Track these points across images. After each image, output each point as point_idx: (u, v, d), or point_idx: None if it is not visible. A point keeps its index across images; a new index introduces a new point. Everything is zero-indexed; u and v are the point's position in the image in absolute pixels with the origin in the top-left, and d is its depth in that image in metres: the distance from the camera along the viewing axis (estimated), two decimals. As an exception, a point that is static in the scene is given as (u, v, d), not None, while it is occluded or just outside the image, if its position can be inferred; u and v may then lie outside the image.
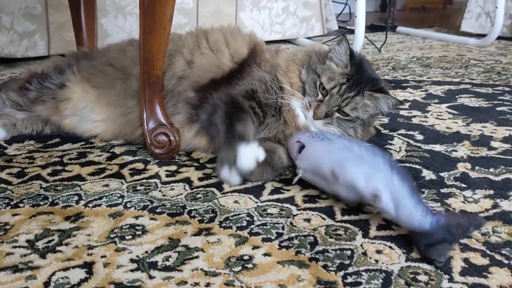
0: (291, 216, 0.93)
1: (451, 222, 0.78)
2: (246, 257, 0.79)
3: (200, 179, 1.10)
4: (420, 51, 2.77)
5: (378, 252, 0.81)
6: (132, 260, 0.78)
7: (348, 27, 3.45)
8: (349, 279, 0.73)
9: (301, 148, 1.04)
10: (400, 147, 1.27)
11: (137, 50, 1.22)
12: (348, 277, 0.74)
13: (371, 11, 4.83)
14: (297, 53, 1.22)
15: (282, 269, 0.76)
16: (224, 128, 1.10)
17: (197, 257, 0.79)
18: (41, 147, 1.29)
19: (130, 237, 0.85)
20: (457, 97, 1.76)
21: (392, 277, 0.74)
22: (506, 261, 0.78)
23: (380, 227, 0.88)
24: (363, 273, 0.75)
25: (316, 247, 0.82)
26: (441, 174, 1.10)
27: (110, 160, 1.20)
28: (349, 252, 0.80)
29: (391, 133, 1.38)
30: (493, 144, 1.28)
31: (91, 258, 0.79)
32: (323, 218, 0.92)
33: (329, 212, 0.94)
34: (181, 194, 1.02)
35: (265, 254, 0.80)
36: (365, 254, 0.80)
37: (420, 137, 1.35)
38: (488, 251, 0.81)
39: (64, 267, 0.77)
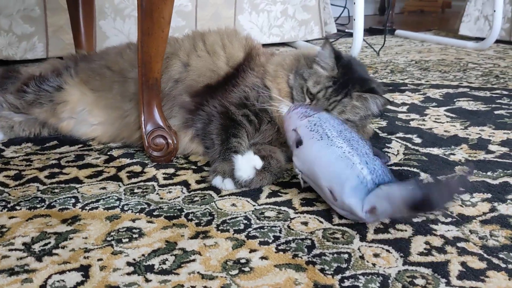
0: (289, 219, 0.93)
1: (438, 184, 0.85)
2: (243, 261, 0.79)
3: (198, 182, 1.09)
4: (419, 54, 2.77)
5: (376, 255, 0.80)
6: (128, 263, 0.78)
7: (346, 30, 3.46)
8: (346, 283, 0.73)
9: (298, 143, 0.99)
10: (398, 150, 1.27)
11: (135, 53, 1.22)
12: (345, 280, 0.74)
13: (369, 14, 4.84)
14: (286, 57, 1.22)
15: (279, 272, 0.76)
16: (219, 142, 1.11)
17: (194, 260, 0.79)
18: (39, 149, 1.29)
19: (127, 240, 0.85)
20: (455, 100, 1.76)
21: (389, 281, 0.74)
22: (503, 265, 0.78)
23: (377, 231, 0.88)
24: (360, 277, 0.75)
25: (313, 251, 0.82)
26: (438, 178, 1.10)
27: (108, 162, 1.20)
28: (346, 256, 0.80)
29: (389, 136, 1.38)
30: (491, 147, 1.28)
31: (88, 261, 0.79)
32: (321, 222, 0.92)
33: (326, 215, 0.94)
34: (179, 197, 1.02)
35: (262, 258, 0.80)
36: (362, 257, 0.80)
37: (418, 140, 1.35)
38: (485, 255, 0.81)
39: (60, 270, 0.76)
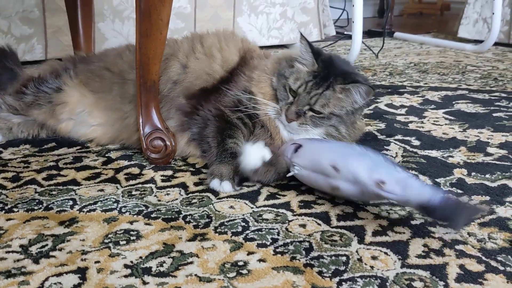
0: (287, 221, 0.92)
1: (459, 202, 0.86)
2: (241, 263, 0.79)
3: (196, 184, 1.09)
4: (417, 56, 2.77)
5: (374, 258, 0.80)
6: (126, 266, 0.78)
7: (345, 33, 3.46)
8: (344, 286, 0.73)
9: (297, 148, 1.03)
10: (396, 153, 1.27)
11: (134, 55, 1.22)
12: (343, 283, 0.74)
13: (368, 17, 4.84)
14: (268, 62, 1.21)
15: (277, 275, 0.76)
16: (215, 144, 1.12)
17: (191, 262, 0.79)
18: (37, 151, 1.29)
19: (125, 242, 0.85)
20: (454, 103, 1.76)
21: (387, 284, 0.74)
22: (501, 268, 0.78)
23: (375, 233, 0.88)
24: (358, 280, 0.75)
25: (311, 253, 0.82)
26: (437, 180, 1.10)
27: (106, 164, 1.20)
28: (344, 258, 0.80)
29: (387, 139, 1.38)
30: (490, 150, 1.28)
31: (85, 264, 0.78)
32: (319, 224, 0.92)
33: (324, 217, 0.94)
34: (177, 199, 1.02)
35: (260, 260, 0.80)
36: (360, 260, 0.80)
37: (416, 142, 1.35)
38: (484, 258, 0.80)
39: (57, 272, 0.76)
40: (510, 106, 1.70)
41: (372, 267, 0.78)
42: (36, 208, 0.97)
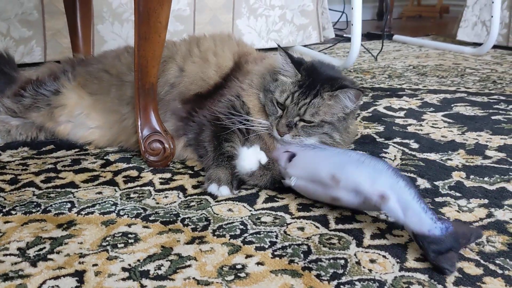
0: (285, 224, 0.92)
1: (459, 231, 0.79)
2: (239, 266, 0.79)
3: (194, 187, 1.09)
4: (416, 59, 2.78)
5: (372, 261, 0.80)
6: (124, 269, 0.78)
7: (345, 35, 3.46)
8: (342, 289, 0.73)
9: (291, 157, 1.02)
10: (395, 156, 1.27)
11: (132, 57, 1.22)
12: (341, 286, 0.74)
13: (368, 20, 4.85)
14: (253, 77, 1.20)
15: (275, 278, 0.76)
16: (211, 148, 1.11)
17: (189, 265, 0.79)
18: (35, 153, 1.29)
19: (123, 245, 0.85)
20: (452, 105, 1.76)
21: (385, 287, 0.73)
22: (500, 271, 0.78)
23: (374, 236, 0.88)
24: (357, 283, 0.74)
25: (310, 256, 0.81)
26: (435, 183, 1.10)
27: (104, 167, 1.20)
28: (342, 261, 0.80)
29: (386, 142, 1.38)
30: (488, 153, 1.28)
31: (83, 267, 0.78)
32: (317, 227, 0.91)
33: (323, 220, 0.94)
34: (175, 202, 1.02)
35: (258, 263, 0.79)
36: (358, 263, 0.80)
37: (415, 145, 1.35)
38: (482, 261, 0.80)
39: (55, 275, 0.76)
40: (508, 109, 1.70)
41: (370, 270, 0.78)
42: (34, 210, 0.97)
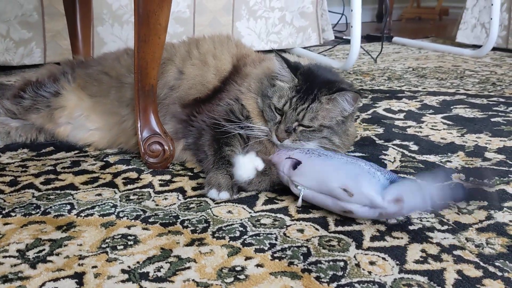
0: (285, 226, 0.92)
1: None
2: (238, 268, 0.79)
3: (194, 188, 1.09)
4: (416, 61, 2.78)
5: (372, 263, 0.80)
6: (123, 271, 0.78)
7: (344, 37, 3.47)
8: (342, 291, 0.73)
9: (295, 164, 1.00)
10: (394, 158, 1.27)
11: (132, 58, 1.22)
12: (341, 288, 0.74)
13: (367, 22, 4.85)
14: (251, 81, 1.19)
15: (274, 280, 0.76)
16: (212, 152, 1.10)
17: (189, 267, 0.79)
18: (35, 155, 1.28)
19: (122, 247, 0.85)
20: (452, 107, 1.76)
21: (385, 289, 0.73)
22: (499, 273, 0.78)
23: (373, 238, 0.88)
24: (356, 285, 0.74)
25: (309, 258, 0.81)
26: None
27: (104, 169, 1.20)
28: (342, 264, 0.80)
29: (385, 144, 1.38)
30: (488, 155, 1.28)
31: (82, 269, 0.78)
32: (317, 229, 0.91)
33: (322, 222, 0.94)
34: (174, 203, 1.02)
35: (257, 265, 0.79)
36: (358, 265, 0.80)
37: (414, 147, 1.35)
38: (481, 263, 0.80)
39: (54, 277, 0.76)
40: (508, 111, 1.71)
41: (370, 272, 0.78)
42: (33, 212, 0.97)
